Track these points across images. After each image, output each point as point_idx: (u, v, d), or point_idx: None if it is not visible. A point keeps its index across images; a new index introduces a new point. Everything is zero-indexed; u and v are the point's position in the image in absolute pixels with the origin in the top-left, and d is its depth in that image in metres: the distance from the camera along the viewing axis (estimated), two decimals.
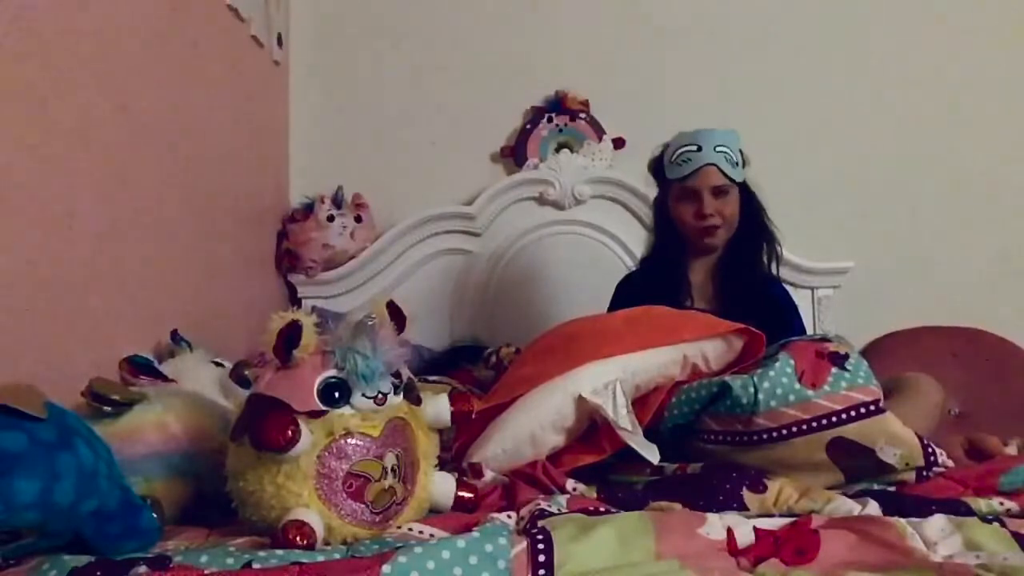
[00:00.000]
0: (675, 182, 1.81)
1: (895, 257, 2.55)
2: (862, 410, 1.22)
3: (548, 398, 1.33)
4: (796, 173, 2.54)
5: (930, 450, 1.22)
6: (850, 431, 1.21)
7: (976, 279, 2.53)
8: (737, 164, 1.79)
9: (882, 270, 2.51)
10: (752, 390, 1.25)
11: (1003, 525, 0.86)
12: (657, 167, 1.88)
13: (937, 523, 0.87)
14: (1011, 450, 1.43)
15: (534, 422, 1.32)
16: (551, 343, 1.51)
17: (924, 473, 1.21)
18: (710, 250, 1.85)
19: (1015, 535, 0.83)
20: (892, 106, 2.57)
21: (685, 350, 1.41)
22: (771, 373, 1.26)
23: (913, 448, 1.21)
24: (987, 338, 2.43)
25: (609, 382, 1.33)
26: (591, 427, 1.35)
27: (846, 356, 1.29)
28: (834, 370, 1.26)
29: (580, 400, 1.32)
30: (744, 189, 1.83)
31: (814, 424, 1.22)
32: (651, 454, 1.27)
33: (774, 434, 1.23)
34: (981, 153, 2.56)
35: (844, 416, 1.22)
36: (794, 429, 1.22)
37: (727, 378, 1.29)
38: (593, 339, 1.43)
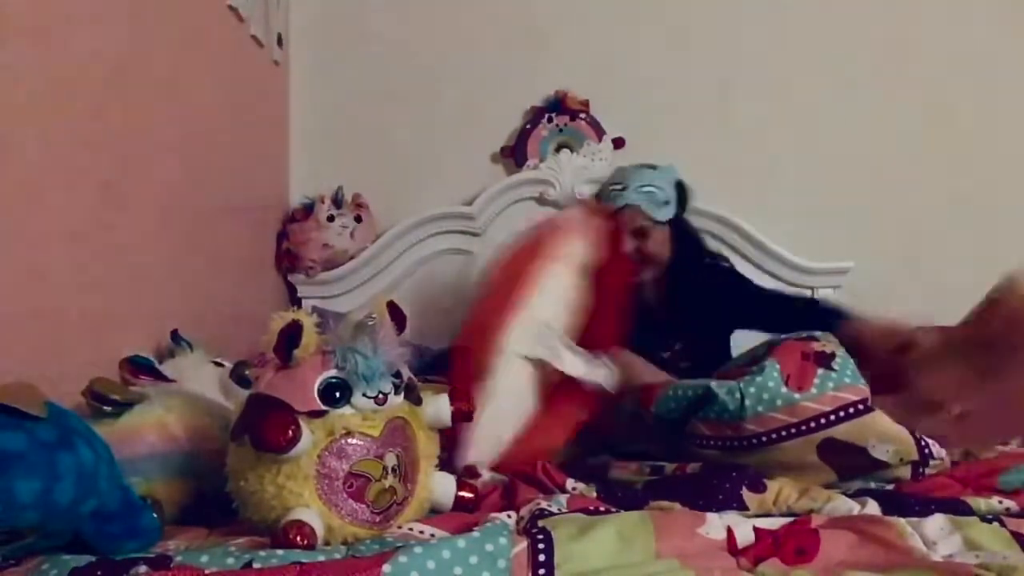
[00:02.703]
0: None
1: (895, 257, 2.55)
2: (850, 410, 1.22)
3: (502, 380, 1.35)
4: (796, 173, 2.54)
5: (923, 443, 1.22)
6: (840, 432, 1.21)
7: (976, 279, 2.52)
8: (666, 202, 1.80)
9: (882, 270, 2.51)
10: (739, 396, 1.25)
11: (1003, 525, 0.86)
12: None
13: (937, 523, 0.87)
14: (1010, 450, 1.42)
15: (503, 408, 1.33)
16: (470, 332, 1.53)
17: (920, 470, 1.21)
18: (640, 284, 1.83)
19: (1015, 535, 0.83)
20: (893, 106, 2.57)
21: (559, 269, 1.44)
22: (758, 379, 1.26)
23: (905, 443, 1.21)
24: None
25: (538, 332, 1.35)
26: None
27: (832, 355, 1.29)
28: (820, 371, 1.26)
29: (526, 361, 1.34)
30: (678, 225, 1.84)
31: (803, 427, 1.22)
32: (607, 379, 1.28)
33: (763, 439, 1.23)
34: (981, 153, 2.56)
35: (832, 417, 1.21)
36: (783, 433, 1.22)
37: (713, 385, 1.29)
38: (496, 310, 1.45)
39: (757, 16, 2.59)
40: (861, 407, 1.22)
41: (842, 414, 1.22)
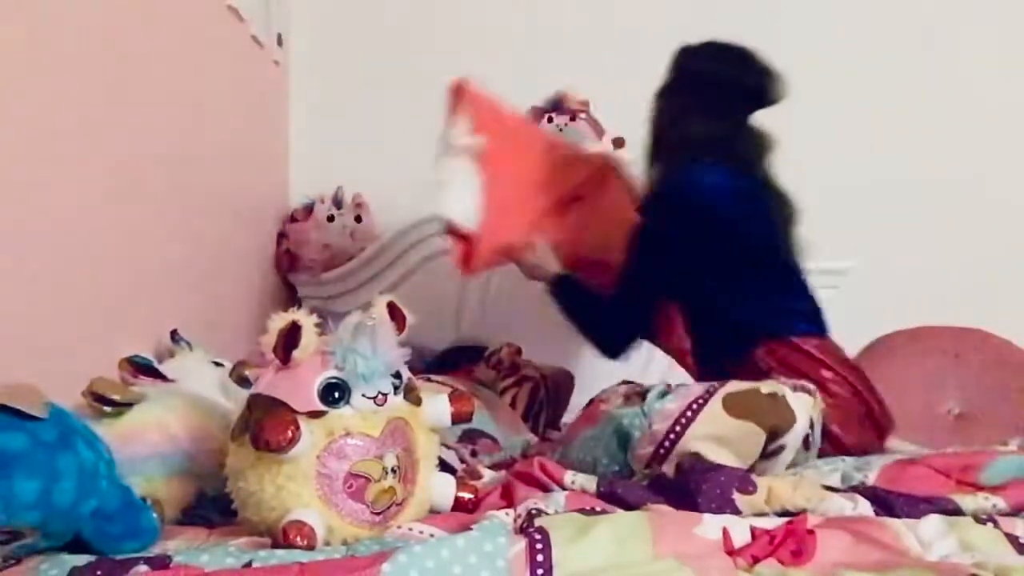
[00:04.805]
0: None
1: (895, 257, 2.55)
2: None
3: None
4: (795, 172, 2.53)
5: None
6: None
7: (976, 279, 2.53)
8: None
9: (882, 270, 2.51)
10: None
11: (996, 525, 0.86)
12: None
13: (932, 523, 0.88)
14: (1010, 449, 1.43)
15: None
16: None
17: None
18: None
19: (1009, 536, 0.83)
20: (891, 105, 2.57)
21: None
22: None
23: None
24: (987, 338, 2.43)
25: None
26: None
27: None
28: None
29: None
30: None
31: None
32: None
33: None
34: (981, 152, 2.56)
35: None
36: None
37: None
38: None
39: (757, 15, 2.59)
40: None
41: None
